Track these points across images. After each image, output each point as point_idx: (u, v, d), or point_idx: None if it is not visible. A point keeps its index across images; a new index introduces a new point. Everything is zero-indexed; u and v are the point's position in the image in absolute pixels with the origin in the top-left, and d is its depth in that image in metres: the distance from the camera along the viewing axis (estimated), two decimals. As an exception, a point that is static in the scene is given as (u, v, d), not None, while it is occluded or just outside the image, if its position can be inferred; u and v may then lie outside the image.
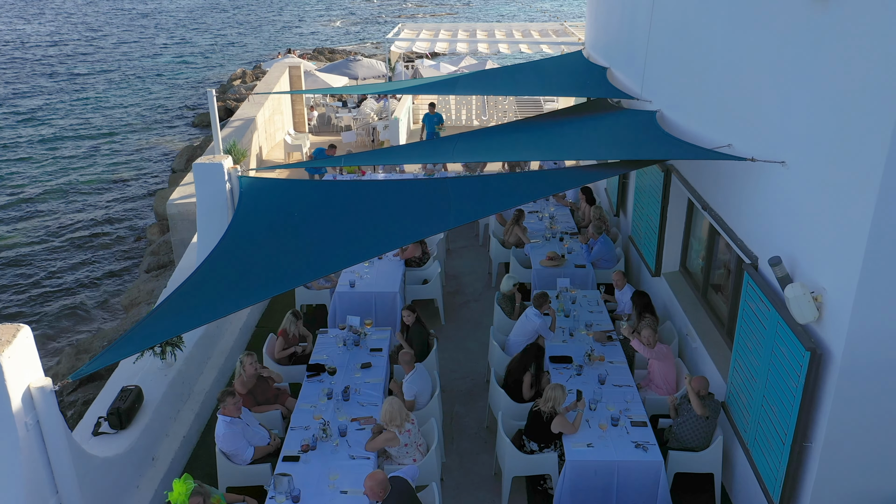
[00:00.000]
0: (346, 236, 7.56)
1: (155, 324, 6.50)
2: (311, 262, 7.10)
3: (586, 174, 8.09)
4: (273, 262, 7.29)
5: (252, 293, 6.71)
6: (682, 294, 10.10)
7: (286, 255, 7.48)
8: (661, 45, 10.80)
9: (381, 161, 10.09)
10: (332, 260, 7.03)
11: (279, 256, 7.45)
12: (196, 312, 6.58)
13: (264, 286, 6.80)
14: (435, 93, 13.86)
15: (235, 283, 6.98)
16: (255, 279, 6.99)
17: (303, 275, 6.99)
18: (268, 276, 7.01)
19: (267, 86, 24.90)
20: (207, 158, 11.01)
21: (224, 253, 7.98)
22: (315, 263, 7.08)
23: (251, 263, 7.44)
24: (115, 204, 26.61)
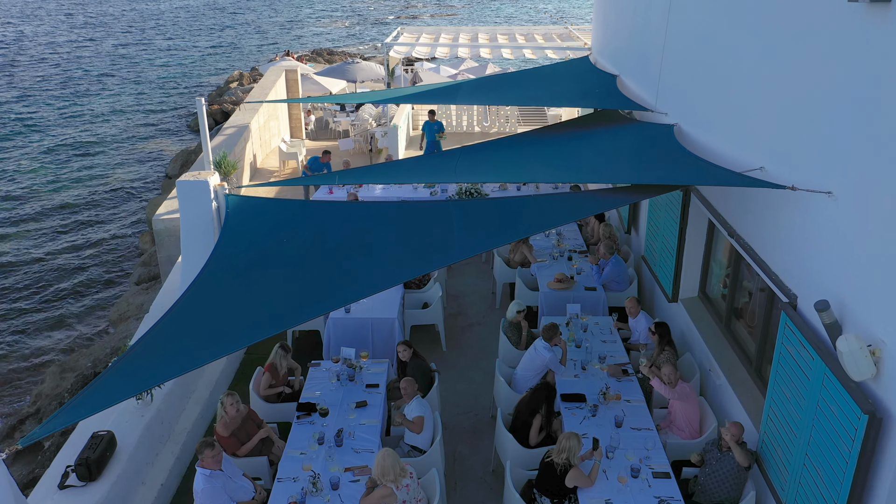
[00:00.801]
0: (338, 270, 6.82)
1: (121, 375, 5.76)
2: (301, 302, 6.37)
3: (606, 200, 7.35)
4: (257, 302, 6.55)
5: (232, 340, 5.98)
6: (702, 323, 9.37)
7: (273, 292, 6.75)
8: (680, 52, 10.06)
9: (378, 179, 9.38)
10: (323, 301, 6.29)
11: (265, 294, 6.71)
12: (167, 362, 5.84)
13: (246, 331, 6.06)
14: (436, 101, 13.13)
15: (214, 327, 6.24)
16: (236, 322, 6.26)
17: (290, 318, 6.24)
18: (251, 318, 6.27)
19: (262, 90, 24.17)
20: (192, 175, 10.28)
21: (205, 286, 7.25)
22: (305, 304, 6.34)
23: (233, 301, 6.71)
24: (106, 211, 25.86)
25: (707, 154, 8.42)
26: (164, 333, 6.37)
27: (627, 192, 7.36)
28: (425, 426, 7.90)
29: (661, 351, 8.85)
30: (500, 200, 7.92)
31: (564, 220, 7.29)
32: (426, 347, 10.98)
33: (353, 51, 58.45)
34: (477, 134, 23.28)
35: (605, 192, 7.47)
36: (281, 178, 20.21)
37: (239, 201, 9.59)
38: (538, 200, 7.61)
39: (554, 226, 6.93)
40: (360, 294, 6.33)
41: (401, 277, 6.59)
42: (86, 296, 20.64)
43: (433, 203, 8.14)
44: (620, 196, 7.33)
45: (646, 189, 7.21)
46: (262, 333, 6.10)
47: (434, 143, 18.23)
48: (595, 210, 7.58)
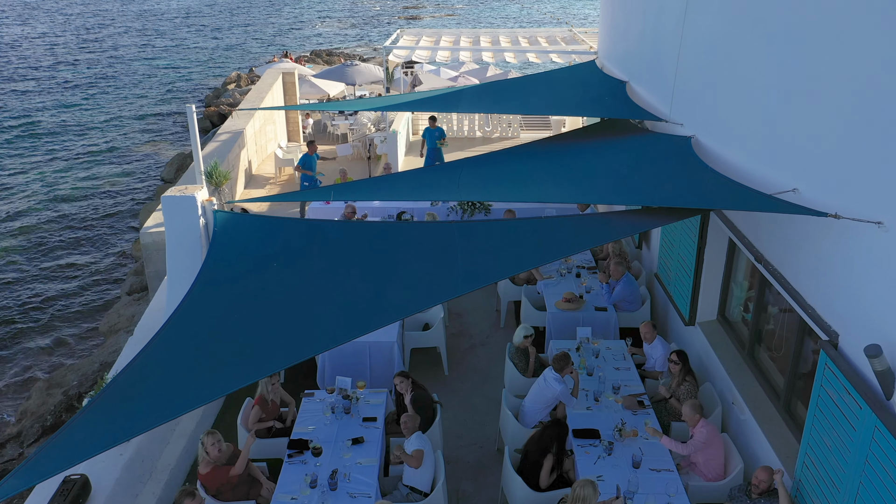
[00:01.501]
0: (331, 304, 6.22)
1: (89, 427, 5.15)
2: (291, 341, 5.77)
3: (626, 224, 6.72)
4: (243, 340, 5.95)
5: (213, 386, 5.36)
6: (722, 349, 8.75)
7: (261, 328, 6.14)
8: (698, 57, 9.44)
9: (375, 195, 8.78)
10: (314, 342, 5.69)
11: (252, 331, 6.11)
12: (141, 413, 5.23)
13: (229, 376, 5.44)
14: (436, 109, 12.53)
15: (194, 370, 5.63)
16: (218, 364, 5.65)
17: (278, 360, 5.63)
18: (235, 360, 5.66)
19: (258, 94, 23.56)
20: (179, 190, 9.68)
21: (187, 317, 6.66)
22: (294, 344, 5.74)
23: (217, 337, 6.10)
24: (99, 216, 25.24)
25: (730, 171, 7.81)
26: (139, 374, 5.78)
27: (648, 216, 6.74)
28: (425, 462, 7.30)
29: (681, 381, 8.24)
30: (506, 223, 7.31)
31: (580, 246, 6.70)
32: (427, 371, 10.37)
33: (353, 52, 57.89)
34: (478, 139, 22.67)
35: (623, 215, 6.86)
36: (277, 184, 19.61)
37: (228, 218, 9.04)
38: (548, 224, 6.99)
39: (568, 254, 6.33)
40: (353, 333, 5.71)
41: (399, 314, 5.98)
42: (76, 305, 20.04)
43: (434, 225, 7.54)
44: (641, 220, 6.71)
45: (668, 213, 6.60)
46: (246, 378, 5.50)
47: (435, 150, 17.60)
48: (614, 236, 6.99)
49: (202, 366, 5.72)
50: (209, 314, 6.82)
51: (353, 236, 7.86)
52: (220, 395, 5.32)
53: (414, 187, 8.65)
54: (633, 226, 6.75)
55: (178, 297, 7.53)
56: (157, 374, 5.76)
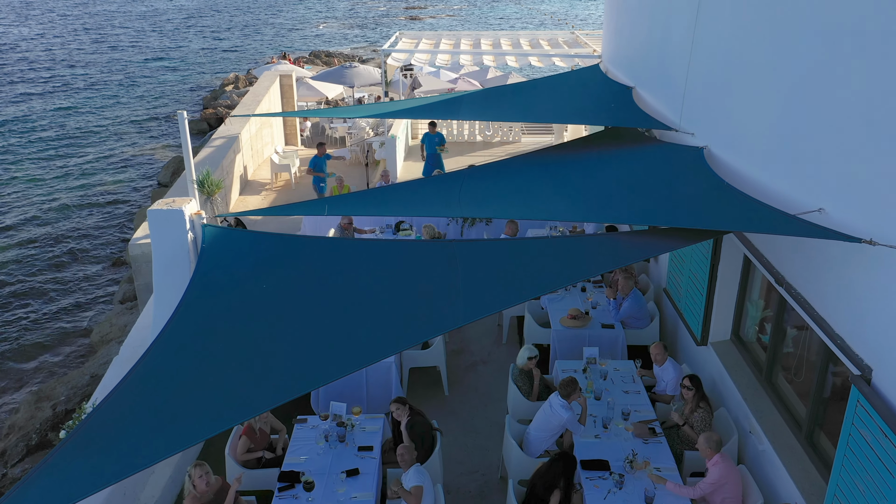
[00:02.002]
0: (323, 334, 5.78)
1: (58, 475, 4.71)
2: (280, 377, 5.33)
3: (639, 246, 6.27)
4: (229, 374, 5.51)
5: (192, 430, 4.91)
6: (737, 372, 8.31)
7: (247, 360, 5.70)
8: (710, 62, 8.99)
9: (370, 210, 8.34)
10: (304, 379, 5.24)
11: (238, 363, 5.67)
12: (114, 457, 4.78)
13: (211, 418, 5.00)
14: (436, 116, 12.09)
15: (174, 409, 5.18)
16: (200, 404, 5.20)
17: (264, 398, 5.18)
18: (219, 399, 5.22)
19: (254, 97, 23.13)
20: (166, 202, 9.25)
21: (170, 345, 6.24)
22: (284, 379, 5.29)
23: (200, 372, 5.66)
24: (94, 220, 24.78)
25: (747, 186, 7.36)
26: (115, 414, 5.34)
27: (664, 238, 6.28)
28: (424, 499, 6.85)
29: (694, 408, 7.79)
30: (510, 243, 6.87)
31: (591, 271, 6.24)
32: (426, 391, 9.94)
33: (352, 52, 57.51)
34: (479, 143, 22.24)
35: (637, 237, 6.41)
36: (273, 190, 19.18)
37: (216, 234, 8.60)
38: (556, 246, 6.54)
39: (577, 280, 5.89)
40: (346, 368, 5.26)
41: (395, 347, 5.53)
42: (68, 313, 19.59)
43: (433, 245, 7.10)
44: (657, 243, 6.26)
45: (685, 234, 6.15)
46: (229, 420, 5.06)
47: (434, 155, 17.16)
48: (628, 260, 6.54)
49: (181, 406, 5.27)
50: (192, 343, 6.39)
51: (347, 255, 7.42)
52: (199, 440, 4.87)
53: (412, 202, 8.20)
54: (648, 249, 6.30)
55: (165, 316, 7.14)
56: (133, 414, 5.33)
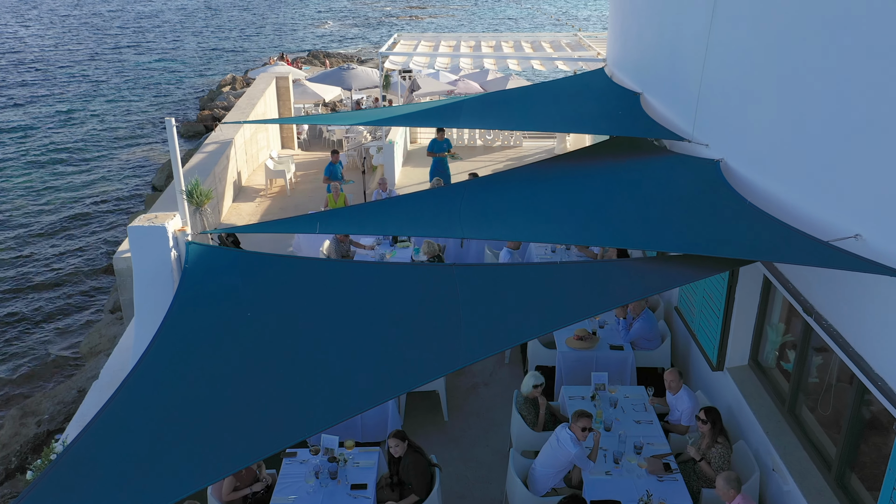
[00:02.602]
0: (313, 370, 5.26)
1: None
2: (264, 425, 4.80)
3: (658, 276, 5.73)
4: (206, 422, 4.98)
5: (170, 486, 4.38)
6: (756, 402, 7.77)
7: (229, 403, 5.18)
8: (727, 68, 8.46)
9: (366, 228, 7.80)
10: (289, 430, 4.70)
11: (218, 407, 5.15)
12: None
13: (189, 473, 4.46)
14: (435, 124, 11.54)
15: (141, 465, 4.65)
16: (178, 455, 4.68)
17: (245, 452, 4.64)
18: (194, 453, 4.68)
19: (250, 100, 22.59)
20: (147, 218, 8.76)
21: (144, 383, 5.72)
22: (268, 428, 4.77)
23: (174, 421, 5.12)
24: (86, 226, 24.23)
25: (771, 206, 6.82)
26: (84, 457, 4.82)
27: (685, 266, 5.74)
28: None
29: (712, 443, 7.25)
30: (514, 269, 6.33)
31: (606, 304, 5.69)
32: (425, 417, 9.40)
33: (351, 52, 57.03)
34: (479, 148, 21.69)
35: (655, 264, 5.87)
36: (268, 196, 18.64)
37: (201, 252, 8.09)
38: (565, 273, 6.00)
39: (591, 314, 5.35)
40: (338, 416, 4.73)
41: (392, 391, 4.99)
42: (57, 323, 19.06)
43: (432, 269, 6.56)
44: (678, 271, 5.70)
45: (708, 262, 5.61)
46: (210, 476, 4.53)
47: (441, 161, 16.72)
48: (646, 291, 5.99)
49: (156, 457, 4.74)
50: (170, 377, 5.87)
51: (339, 279, 6.90)
52: (174, 500, 4.33)
53: (410, 219, 7.67)
54: (669, 278, 5.74)
55: (146, 340, 6.67)
56: (101, 464, 4.80)
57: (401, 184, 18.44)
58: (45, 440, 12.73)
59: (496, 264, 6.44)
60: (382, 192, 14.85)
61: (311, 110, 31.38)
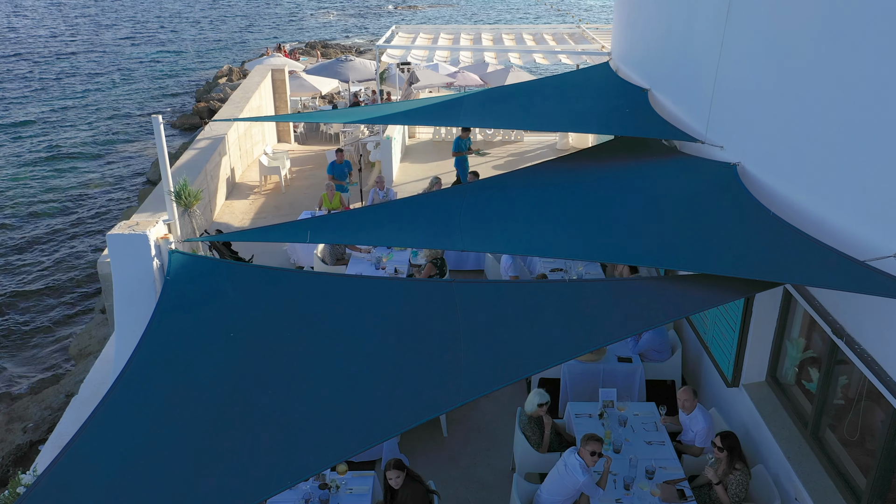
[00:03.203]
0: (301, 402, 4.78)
1: None
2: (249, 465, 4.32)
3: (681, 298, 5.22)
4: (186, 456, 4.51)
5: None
6: (776, 423, 7.28)
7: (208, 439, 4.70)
8: (746, 63, 7.94)
9: (360, 238, 7.29)
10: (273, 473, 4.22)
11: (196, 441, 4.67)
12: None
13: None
14: (434, 123, 11.02)
15: None
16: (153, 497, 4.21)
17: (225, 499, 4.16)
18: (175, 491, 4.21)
19: (244, 93, 22.06)
20: (128, 226, 8.26)
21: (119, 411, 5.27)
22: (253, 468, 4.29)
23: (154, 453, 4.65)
24: (78, 222, 23.71)
25: (795, 217, 6.32)
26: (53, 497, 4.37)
27: (707, 288, 5.23)
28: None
29: (729, 470, 6.77)
30: (518, 286, 5.83)
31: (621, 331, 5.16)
32: (423, 434, 8.93)
33: (350, 43, 56.41)
34: (479, 142, 21.15)
35: (673, 285, 5.37)
36: (262, 194, 18.12)
37: (185, 262, 7.60)
38: (574, 291, 5.50)
39: (605, 342, 4.86)
40: (321, 463, 4.25)
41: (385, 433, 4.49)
42: (46, 322, 18.58)
43: (431, 284, 6.06)
44: (700, 294, 5.19)
45: (733, 284, 5.11)
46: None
47: (464, 159, 16.26)
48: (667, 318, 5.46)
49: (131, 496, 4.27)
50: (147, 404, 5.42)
51: (332, 296, 6.41)
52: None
53: (406, 227, 7.17)
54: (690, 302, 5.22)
55: (126, 356, 6.23)
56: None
57: (399, 181, 17.93)
58: (28, 451, 12.29)
59: (499, 282, 5.94)
60: (380, 191, 14.35)
61: (308, 103, 30.86)
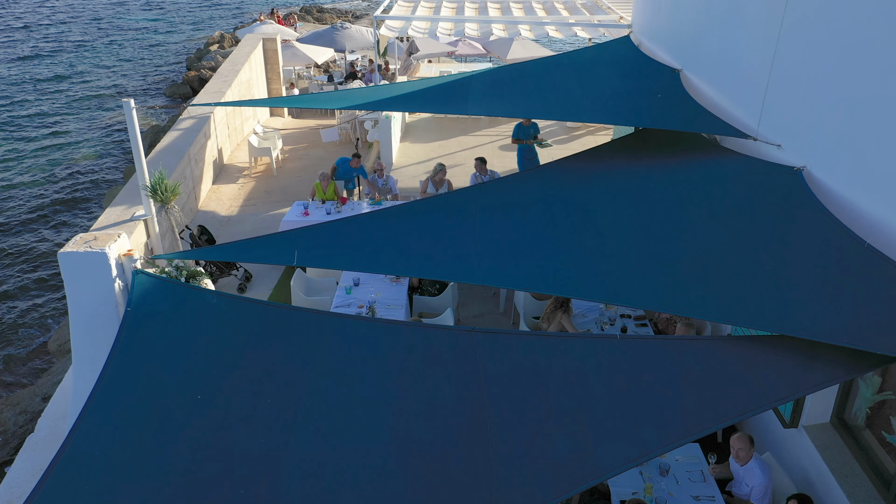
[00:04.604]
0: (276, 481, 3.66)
1: None
2: None
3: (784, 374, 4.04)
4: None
5: None
6: (848, 479, 6.17)
7: None
8: (816, 47, 6.69)
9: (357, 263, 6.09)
10: None
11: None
12: None
13: None
14: (437, 110, 9.74)
15: None
16: None
17: None
18: None
19: (233, 65, 20.72)
20: (84, 241, 7.09)
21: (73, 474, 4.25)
22: None
23: None
24: (58, 202, 22.43)
25: (885, 241, 5.13)
26: None
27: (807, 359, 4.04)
28: None
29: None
30: (556, 342, 4.65)
31: (697, 425, 4.01)
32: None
33: (347, 7, 54.62)
34: (484, 121, 19.82)
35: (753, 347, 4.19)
36: (252, 177, 16.85)
37: (151, 286, 6.45)
38: (625, 352, 4.32)
39: (674, 445, 3.71)
40: None
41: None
42: (23, 313, 17.43)
43: (441, 333, 4.90)
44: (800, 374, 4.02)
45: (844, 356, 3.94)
46: None
47: (528, 149, 14.15)
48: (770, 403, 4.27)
49: None
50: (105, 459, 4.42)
51: (318, 338, 5.26)
52: None
53: (412, 253, 5.97)
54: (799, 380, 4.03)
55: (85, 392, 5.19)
56: None
57: (399, 163, 16.68)
58: None
59: (528, 334, 4.76)
60: (379, 179, 13.13)
61: (302, 73, 29.41)
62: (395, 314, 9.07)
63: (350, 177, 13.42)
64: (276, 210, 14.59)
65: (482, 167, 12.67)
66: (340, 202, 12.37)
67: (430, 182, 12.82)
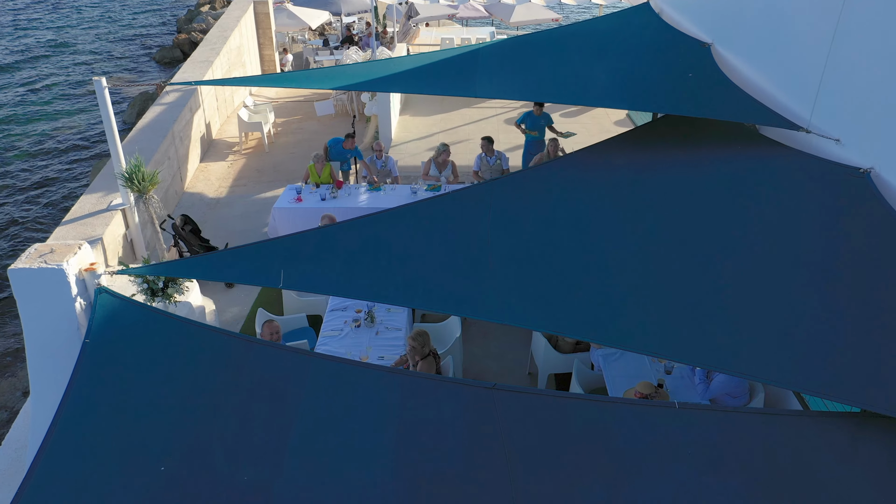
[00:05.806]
0: None
1: None
2: None
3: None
4: None
5: None
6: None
7: None
8: (888, 24, 5.73)
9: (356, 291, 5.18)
10: None
11: None
12: None
13: None
14: (442, 92, 8.72)
15: None
16: None
17: None
18: None
19: (222, 31, 19.63)
20: (38, 255, 6.18)
21: None
22: None
23: None
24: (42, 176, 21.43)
25: None
26: None
27: None
28: None
29: None
30: (589, 406, 3.80)
31: None
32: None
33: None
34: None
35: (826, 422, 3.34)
36: (242, 154, 15.87)
37: (115, 309, 5.65)
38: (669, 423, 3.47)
39: None
40: None
41: None
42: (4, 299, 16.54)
43: (458, 386, 4.04)
44: None
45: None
46: None
47: (537, 144, 12.93)
48: None
49: None
50: None
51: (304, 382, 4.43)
52: None
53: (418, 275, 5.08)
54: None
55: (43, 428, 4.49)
56: None
57: (398, 138, 15.69)
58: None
59: (555, 395, 3.89)
60: (378, 160, 12.17)
61: (297, 37, 28.24)
62: (396, 317, 8.27)
63: (344, 158, 12.45)
64: (268, 192, 13.66)
65: (489, 147, 11.72)
66: (336, 186, 11.44)
67: (433, 163, 11.90)
